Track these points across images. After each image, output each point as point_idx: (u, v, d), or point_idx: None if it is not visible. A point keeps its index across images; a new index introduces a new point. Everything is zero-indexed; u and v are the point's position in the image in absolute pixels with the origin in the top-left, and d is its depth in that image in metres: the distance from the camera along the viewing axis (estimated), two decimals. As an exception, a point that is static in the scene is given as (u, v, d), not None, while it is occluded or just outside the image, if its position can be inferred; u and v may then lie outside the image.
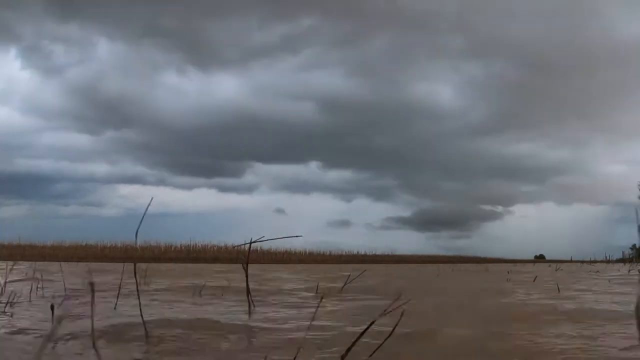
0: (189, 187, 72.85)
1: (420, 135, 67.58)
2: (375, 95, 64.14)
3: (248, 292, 4.46)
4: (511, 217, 67.87)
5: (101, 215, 57.93)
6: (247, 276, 3.85)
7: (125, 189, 68.60)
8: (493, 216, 68.60)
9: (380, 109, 65.24)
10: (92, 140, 64.92)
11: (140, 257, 31.12)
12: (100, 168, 67.38)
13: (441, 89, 70.15)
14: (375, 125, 68.66)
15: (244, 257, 4.70)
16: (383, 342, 2.12)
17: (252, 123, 64.45)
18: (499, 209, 72.59)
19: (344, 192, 75.44)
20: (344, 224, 65.27)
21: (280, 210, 63.89)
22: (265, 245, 36.10)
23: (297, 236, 3.54)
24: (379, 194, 78.01)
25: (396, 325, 2.11)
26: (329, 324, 3.23)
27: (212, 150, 66.78)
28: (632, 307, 2.33)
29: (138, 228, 2.60)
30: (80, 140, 67.30)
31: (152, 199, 2.57)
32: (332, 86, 64.80)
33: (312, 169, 72.02)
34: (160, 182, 65.50)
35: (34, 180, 58.76)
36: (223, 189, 75.27)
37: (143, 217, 2.56)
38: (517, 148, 70.54)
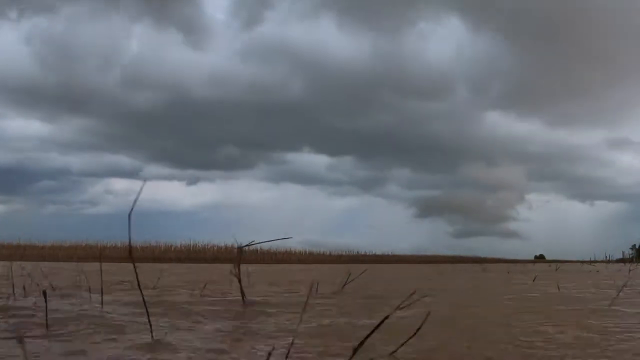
0: (180, 180, 65.33)
1: (421, 112, 58.85)
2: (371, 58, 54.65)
3: (242, 292, 4.49)
4: (528, 211, 62.02)
5: (89, 213, 53.55)
6: (239, 275, 3.87)
7: (114, 184, 62.24)
8: (509, 207, 62.39)
9: (377, 77, 56.33)
10: (54, 128, 56.26)
11: (141, 257, 31.14)
12: (77, 160, 60.96)
13: (446, 48, 61.90)
14: (371, 99, 59.51)
15: (241, 257, 4.73)
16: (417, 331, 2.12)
17: (226, 99, 55.53)
18: (514, 200, 66.22)
19: (342, 184, 68.13)
20: (345, 220, 61.25)
21: (277, 207, 59.91)
22: (265, 245, 36.10)
23: (287, 238, 3.55)
24: (381, 186, 71.06)
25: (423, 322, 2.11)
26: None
27: (191, 135, 58.95)
28: None
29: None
30: (39, 127, 58.12)
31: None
32: (318, 48, 54.62)
33: (305, 158, 64.60)
34: (147, 175, 58.72)
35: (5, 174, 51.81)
36: (218, 180, 67.94)
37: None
38: (531, 127, 61.89)
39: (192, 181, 65.86)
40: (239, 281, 4.03)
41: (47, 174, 58.32)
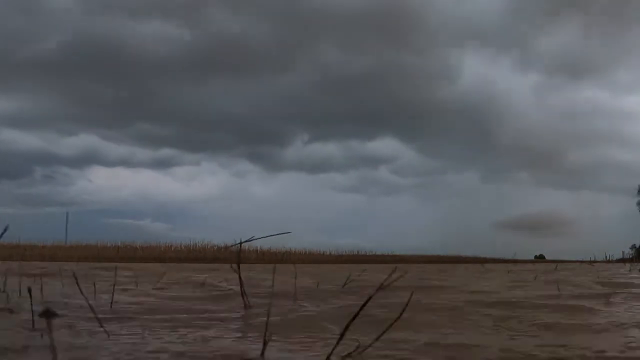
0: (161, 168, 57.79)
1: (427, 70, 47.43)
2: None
3: (243, 293, 4.48)
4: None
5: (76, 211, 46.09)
6: (240, 277, 3.86)
7: (97, 173, 54.04)
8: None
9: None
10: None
11: (141, 257, 31.15)
12: (36, 142, 49.74)
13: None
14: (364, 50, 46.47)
15: (241, 257, 4.72)
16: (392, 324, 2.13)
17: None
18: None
19: (340, 169, 59.30)
20: (342, 216, 55.79)
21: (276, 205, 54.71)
22: (265, 245, 36.11)
23: (286, 233, 3.53)
24: (380, 171, 60.35)
25: (407, 304, 2.12)
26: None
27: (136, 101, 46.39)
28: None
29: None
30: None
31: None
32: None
33: (284, 138, 53.91)
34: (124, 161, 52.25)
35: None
36: (189, 166, 58.64)
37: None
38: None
39: (164, 166, 56.19)
40: (240, 282, 4.02)
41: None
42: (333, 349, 1.81)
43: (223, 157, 57.72)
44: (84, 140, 50.71)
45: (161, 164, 56.09)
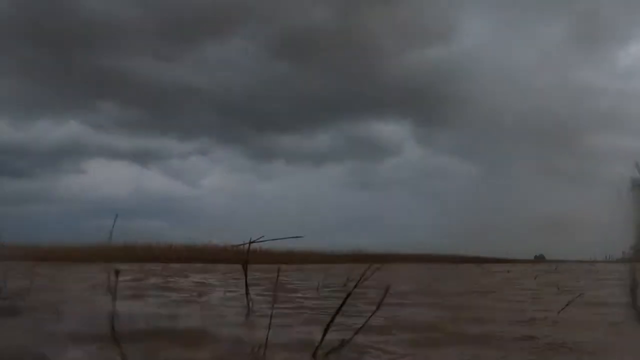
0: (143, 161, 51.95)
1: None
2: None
3: (247, 293, 4.38)
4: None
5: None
6: (246, 277, 3.78)
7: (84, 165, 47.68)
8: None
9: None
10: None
11: (142, 257, 31.02)
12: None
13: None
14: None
15: (243, 257, 4.62)
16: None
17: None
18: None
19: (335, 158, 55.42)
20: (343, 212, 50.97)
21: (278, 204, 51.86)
22: (265, 245, 35.83)
23: (297, 237, 3.44)
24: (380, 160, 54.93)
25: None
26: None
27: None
28: None
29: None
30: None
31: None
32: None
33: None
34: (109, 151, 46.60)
35: None
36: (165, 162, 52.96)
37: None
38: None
39: (152, 158, 50.72)
40: (246, 284, 3.94)
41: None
42: (319, 344, 1.73)
43: (212, 147, 53.47)
44: (60, 128, 45.28)
45: (148, 156, 52.78)
